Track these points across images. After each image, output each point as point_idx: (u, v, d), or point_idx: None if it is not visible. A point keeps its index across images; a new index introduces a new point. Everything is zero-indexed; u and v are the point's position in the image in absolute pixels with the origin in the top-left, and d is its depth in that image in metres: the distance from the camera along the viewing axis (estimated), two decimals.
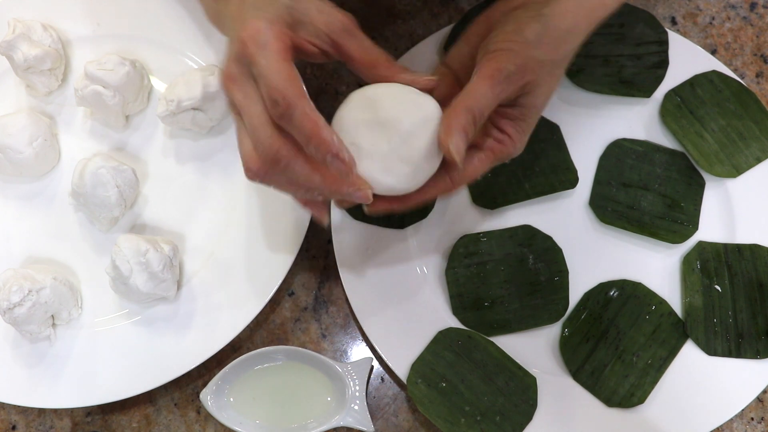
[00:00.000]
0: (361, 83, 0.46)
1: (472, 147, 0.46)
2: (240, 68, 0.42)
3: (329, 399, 0.55)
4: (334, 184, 0.42)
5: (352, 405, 0.54)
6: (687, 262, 0.57)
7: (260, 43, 0.41)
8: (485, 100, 0.43)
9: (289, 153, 0.42)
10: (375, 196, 0.44)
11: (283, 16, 0.43)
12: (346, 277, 0.56)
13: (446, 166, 0.46)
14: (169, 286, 0.54)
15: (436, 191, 0.47)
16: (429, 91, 0.46)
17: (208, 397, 0.54)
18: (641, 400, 0.54)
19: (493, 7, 0.48)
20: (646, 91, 0.60)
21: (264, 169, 0.43)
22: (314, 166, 0.42)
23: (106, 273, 0.54)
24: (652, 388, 0.54)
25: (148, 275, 0.53)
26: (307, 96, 0.41)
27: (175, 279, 0.55)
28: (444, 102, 0.46)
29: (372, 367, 0.57)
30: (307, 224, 0.57)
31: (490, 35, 0.45)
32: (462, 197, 0.59)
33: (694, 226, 0.58)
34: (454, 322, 0.56)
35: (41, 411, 0.57)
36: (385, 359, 0.55)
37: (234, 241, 0.58)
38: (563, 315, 0.56)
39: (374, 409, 0.56)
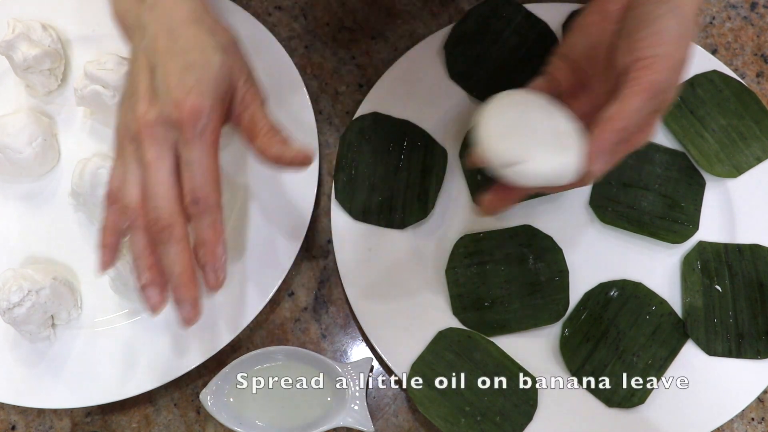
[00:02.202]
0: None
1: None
2: (165, 130, 0.42)
3: (329, 399, 0.55)
4: (187, 283, 0.42)
5: (352, 405, 0.54)
6: (687, 262, 0.57)
7: (200, 128, 0.41)
8: (638, 116, 0.42)
9: (181, 230, 0.42)
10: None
11: (222, 86, 0.43)
12: (346, 277, 0.56)
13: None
14: None
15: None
16: None
17: (208, 397, 0.54)
18: (641, 400, 0.54)
19: None
20: None
21: (140, 220, 0.43)
22: (187, 249, 0.43)
23: (106, 273, 0.53)
24: (653, 388, 0.54)
25: None
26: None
27: None
28: (566, 94, 0.47)
29: (372, 367, 0.57)
30: (307, 224, 0.57)
31: (630, 35, 0.43)
32: (462, 197, 0.59)
33: (694, 226, 0.58)
34: (454, 322, 0.56)
35: (41, 411, 0.57)
36: (385, 359, 0.55)
37: (234, 241, 0.58)
38: (563, 315, 0.56)
39: (374, 409, 0.56)
